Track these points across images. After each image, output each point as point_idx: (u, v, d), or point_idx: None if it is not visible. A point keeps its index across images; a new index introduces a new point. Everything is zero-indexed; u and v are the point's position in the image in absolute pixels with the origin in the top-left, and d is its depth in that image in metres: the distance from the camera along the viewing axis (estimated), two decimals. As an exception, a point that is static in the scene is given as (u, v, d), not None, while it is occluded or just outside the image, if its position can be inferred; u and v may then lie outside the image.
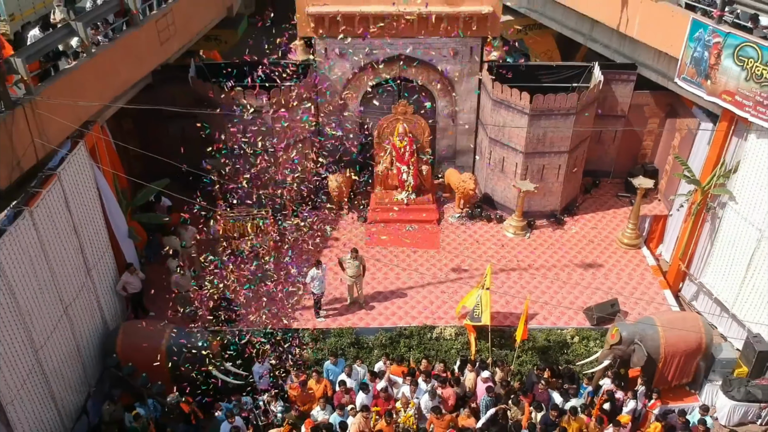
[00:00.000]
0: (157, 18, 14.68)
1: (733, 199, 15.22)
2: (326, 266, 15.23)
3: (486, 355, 14.23)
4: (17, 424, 11.14)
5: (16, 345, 11.05)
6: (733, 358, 14.51)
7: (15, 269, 10.93)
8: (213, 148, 15.52)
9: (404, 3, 16.39)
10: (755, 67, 13.61)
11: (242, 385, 13.41)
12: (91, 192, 13.40)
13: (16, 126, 11.10)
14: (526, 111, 16.61)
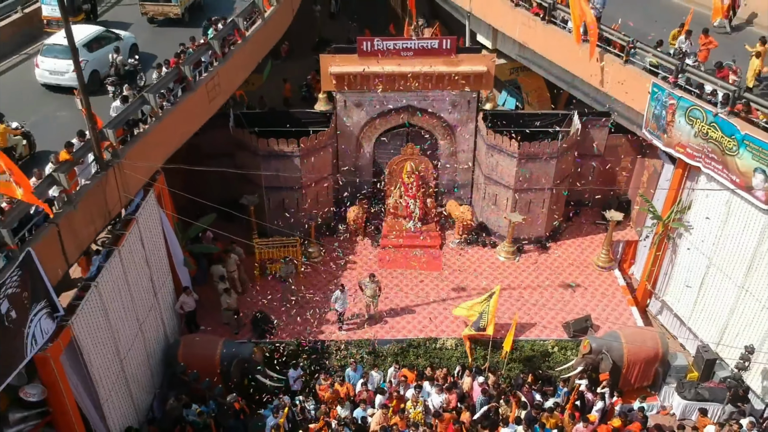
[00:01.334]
0: (207, 81, 17.62)
1: (688, 232, 18.19)
2: (348, 290, 18.16)
3: (481, 363, 17.17)
4: (109, 418, 14.12)
5: (108, 356, 14.03)
6: (686, 365, 17.47)
7: (108, 296, 13.90)
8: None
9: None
10: (701, 126, 16.58)
11: (280, 387, 16.40)
12: (158, 229, 16.39)
13: (108, 183, 14.06)
14: (515, 155, 19.61)
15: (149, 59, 19.88)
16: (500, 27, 23.56)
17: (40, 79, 18.61)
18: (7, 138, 14.99)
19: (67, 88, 17.66)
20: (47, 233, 12.36)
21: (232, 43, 19.22)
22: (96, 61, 18.84)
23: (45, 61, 18.36)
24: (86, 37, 18.80)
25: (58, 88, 18.35)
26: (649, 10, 23.63)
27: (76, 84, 14.60)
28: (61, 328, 12.53)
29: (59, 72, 18.15)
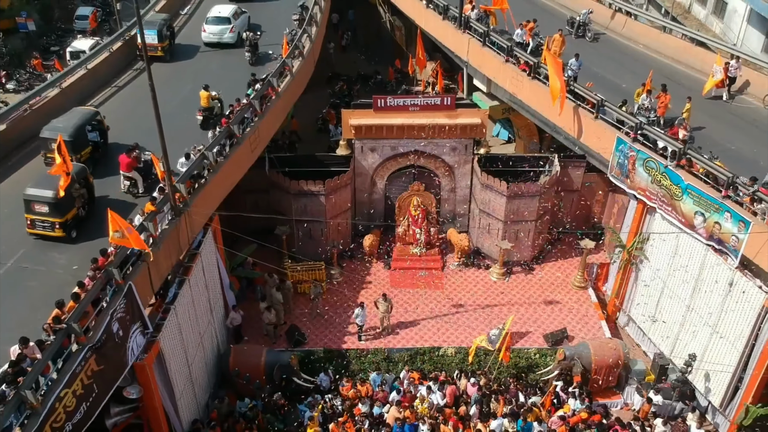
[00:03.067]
0: (250, 135, 21.39)
1: (647, 258, 21.98)
2: (366, 307, 21.94)
3: (476, 367, 20.91)
4: (181, 411, 17.91)
5: (181, 362, 17.82)
6: (644, 369, 21.25)
7: (181, 316, 17.70)
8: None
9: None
10: (656, 174, 20.38)
11: (312, 388, 20.17)
12: (213, 260, 20.19)
13: (180, 227, 17.82)
14: (504, 193, 23.41)
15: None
16: (493, 78, 27.37)
17: (205, 39, 29.37)
18: (209, 102, 22.58)
19: (223, 44, 29.23)
20: (141, 269, 16.13)
21: (268, 100, 23.01)
22: (238, 26, 29.76)
23: (208, 27, 29.40)
24: (232, 9, 30.03)
25: (216, 44, 29.32)
26: (624, 63, 27.49)
27: (230, 42, 29.25)
28: (152, 342, 16.33)
29: (217, 34, 29.18)
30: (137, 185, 19.38)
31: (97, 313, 14.58)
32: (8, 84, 36.64)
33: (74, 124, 19.94)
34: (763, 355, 18.02)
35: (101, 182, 19.55)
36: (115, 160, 19.60)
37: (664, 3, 39.79)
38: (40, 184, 17.59)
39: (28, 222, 17.49)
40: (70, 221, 17.50)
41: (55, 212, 17.17)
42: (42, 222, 17.33)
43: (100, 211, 17.38)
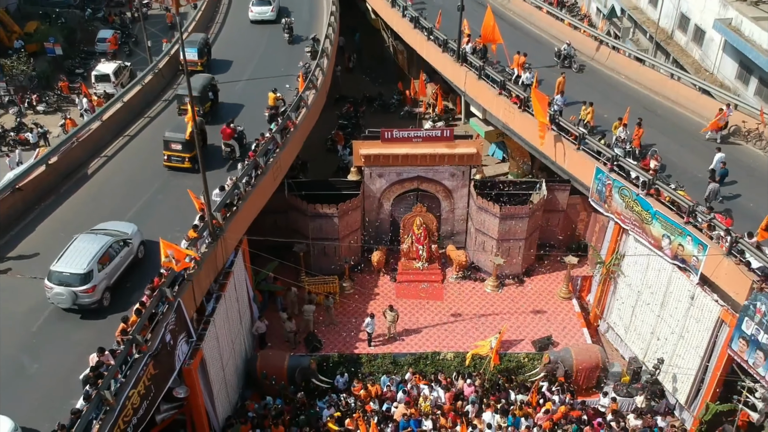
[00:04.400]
0: (273, 165, 24.25)
1: (623, 274, 24.88)
2: (375, 317, 24.82)
3: (472, 369, 23.76)
4: (217, 408, 20.76)
5: (218, 366, 20.66)
6: (620, 372, 24.12)
7: (219, 326, 20.58)
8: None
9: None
10: (629, 201, 23.28)
11: (329, 388, 23.04)
12: (243, 277, 23.08)
13: (217, 249, 20.69)
14: (497, 215, 26.31)
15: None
16: (487, 107, 30.29)
17: (251, 18, 38.86)
18: (275, 102, 27.39)
19: (266, 21, 38.51)
20: (187, 287, 18.99)
21: (287, 132, 25.87)
22: (276, 6, 39.29)
23: (254, 8, 38.97)
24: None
25: (261, 21, 38.64)
26: (607, 94, 30.31)
27: (271, 19, 38.90)
28: (196, 349, 19.22)
29: (261, 13, 38.75)
30: (235, 151, 25.00)
31: (153, 326, 17.46)
32: (38, 106, 39.36)
33: (201, 84, 27.74)
34: (719, 359, 20.95)
35: (212, 129, 26.00)
36: (221, 116, 27.65)
37: (649, 29, 42.64)
38: (175, 129, 24.43)
39: (165, 157, 24.59)
40: (193, 157, 23.73)
41: (185, 149, 24.07)
42: (176, 157, 24.42)
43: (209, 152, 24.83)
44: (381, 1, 39.92)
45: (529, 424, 21.53)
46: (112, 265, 19.15)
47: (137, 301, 17.91)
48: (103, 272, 18.71)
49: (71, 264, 18.42)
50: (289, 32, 36.43)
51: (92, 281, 18.33)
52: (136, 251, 20.28)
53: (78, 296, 18.20)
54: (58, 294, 18.25)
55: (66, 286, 18.13)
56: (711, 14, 36.74)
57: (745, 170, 24.91)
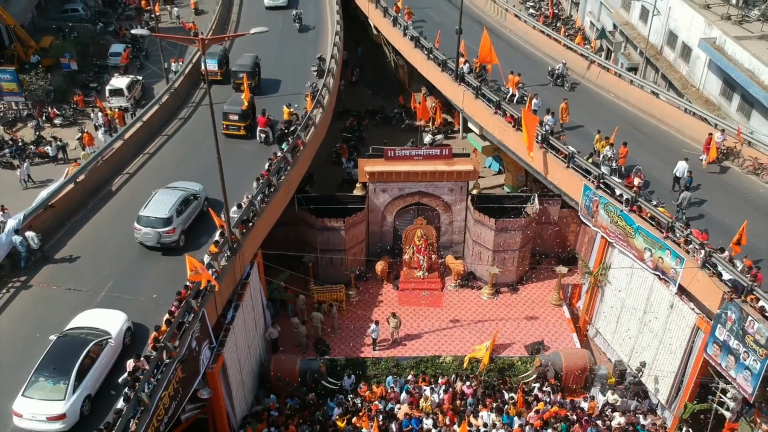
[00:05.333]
0: (285, 183, 26.14)
1: (609, 283, 26.81)
2: (380, 323, 26.72)
3: (469, 372, 25.65)
4: (236, 408, 22.67)
5: (236, 369, 22.59)
6: (606, 374, 26.02)
7: (237, 333, 22.48)
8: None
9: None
10: (614, 216, 25.20)
11: (337, 389, 24.93)
12: (257, 286, 24.97)
13: (235, 263, 22.53)
14: (493, 228, 28.24)
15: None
16: (484, 125, 32.19)
17: (267, 4, 45.85)
18: (290, 116, 29.69)
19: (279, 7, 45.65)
20: (209, 298, 20.88)
21: (297, 150, 27.75)
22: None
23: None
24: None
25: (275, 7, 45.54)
26: (597, 112, 32.23)
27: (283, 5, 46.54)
28: (218, 355, 21.12)
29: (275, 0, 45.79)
30: (269, 137, 29.54)
31: (181, 334, 19.35)
32: (56, 119, 41.13)
33: (252, 61, 34.18)
34: (696, 362, 22.89)
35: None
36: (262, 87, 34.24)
37: (639, 44, 44.57)
38: (232, 103, 29.91)
39: (224, 126, 29.31)
40: (247, 126, 29.59)
41: (241, 119, 29.53)
42: (234, 126, 29.60)
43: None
44: (383, 20, 41.81)
45: (522, 422, 23.46)
46: (186, 213, 23.28)
47: (205, 243, 22.84)
48: (179, 218, 22.90)
49: (156, 211, 22.60)
50: (299, 22, 43.32)
51: (172, 224, 22.62)
52: (202, 205, 24.30)
53: (161, 236, 22.40)
54: (146, 234, 22.47)
55: (152, 228, 22.27)
56: (697, 33, 38.70)
57: (722, 186, 26.87)
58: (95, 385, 17.84)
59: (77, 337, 18.27)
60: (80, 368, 17.34)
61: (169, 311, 19.47)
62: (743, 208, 25.39)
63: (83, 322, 19.06)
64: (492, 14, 43.87)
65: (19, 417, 16.83)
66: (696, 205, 25.56)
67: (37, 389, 16.97)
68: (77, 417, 17.07)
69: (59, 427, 16.74)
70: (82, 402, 17.19)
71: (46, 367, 17.39)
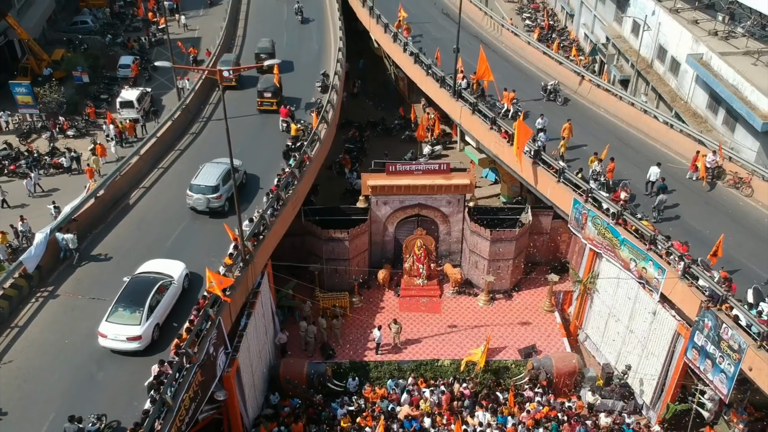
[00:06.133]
0: (293, 197, 27.80)
1: (597, 291, 28.50)
2: (383, 328, 28.39)
3: (466, 374, 27.32)
4: (249, 409, 24.34)
5: (249, 372, 24.23)
6: (595, 376, 27.72)
7: (250, 339, 24.15)
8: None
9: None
10: (601, 229, 26.89)
11: (342, 391, 26.60)
12: (268, 295, 26.65)
13: (248, 273, 24.19)
14: (488, 238, 29.93)
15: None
16: (480, 140, 33.90)
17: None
18: (297, 132, 31.84)
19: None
20: (225, 308, 22.54)
21: (304, 165, 29.41)
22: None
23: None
24: None
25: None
26: (588, 126, 33.87)
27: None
28: (233, 359, 22.79)
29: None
30: (289, 126, 32.87)
31: (199, 341, 21.01)
32: (69, 131, 42.71)
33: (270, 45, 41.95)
34: (677, 366, 24.60)
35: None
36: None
37: (630, 58, 46.27)
38: (264, 83, 35.90)
39: (259, 103, 35.61)
40: (278, 102, 35.40)
41: (274, 96, 35.50)
42: (267, 102, 35.51)
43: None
44: (384, 36, 43.48)
45: (515, 422, 25.14)
46: (229, 183, 26.28)
47: (245, 209, 26.70)
48: (224, 186, 26.85)
49: (205, 179, 26.97)
50: (300, 14, 50.05)
51: (219, 191, 26.81)
52: (242, 177, 28.58)
53: (210, 201, 26.55)
54: (197, 199, 26.84)
55: (202, 194, 26.63)
56: (685, 48, 40.39)
57: (703, 199, 28.56)
58: (162, 316, 21.79)
59: (147, 278, 22.31)
60: (151, 302, 21.32)
61: (189, 320, 21.14)
62: (723, 220, 27.07)
63: (150, 268, 23.00)
64: (489, 29, 45.55)
65: (103, 338, 20.79)
66: (671, 207, 27.46)
67: (117, 316, 20.95)
68: (149, 340, 21.08)
69: (136, 346, 20.75)
70: (153, 328, 21.19)
71: (124, 299, 21.37)
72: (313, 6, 51.95)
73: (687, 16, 42.28)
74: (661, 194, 27.01)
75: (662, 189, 27.44)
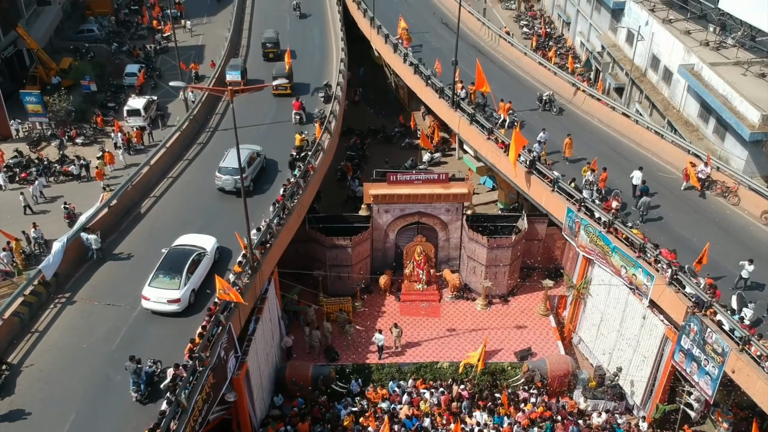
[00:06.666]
0: (298, 206, 28.96)
1: (591, 295, 29.69)
2: (384, 333, 29.57)
3: (464, 376, 28.50)
4: (257, 409, 25.53)
5: (257, 374, 25.40)
6: (588, 377, 28.90)
7: (258, 343, 25.31)
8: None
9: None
10: (593, 237, 28.08)
11: (345, 392, 27.77)
12: (274, 300, 27.83)
13: (256, 280, 25.35)
14: (486, 245, 31.12)
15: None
16: (478, 149, 35.09)
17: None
18: (301, 142, 33.13)
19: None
20: (235, 313, 23.71)
21: (308, 175, 30.57)
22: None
23: None
24: None
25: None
26: (581, 136, 34.98)
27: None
28: (242, 362, 23.97)
29: None
30: (302, 118, 36.73)
31: (211, 345, 22.17)
32: (77, 139, 43.84)
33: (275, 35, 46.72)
34: (665, 368, 25.79)
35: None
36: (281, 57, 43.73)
37: (625, 66, 47.48)
38: (278, 69, 40.52)
39: (274, 87, 38.40)
40: (291, 86, 39.86)
41: (289, 80, 39.85)
42: (282, 87, 38.50)
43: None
44: (384, 46, 44.67)
45: (511, 421, 26.33)
46: (253, 165, 30.73)
47: (268, 189, 30.43)
48: (249, 168, 30.02)
49: (232, 162, 29.08)
50: (298, 10, 54.42)
51: (247, 172, 29.30)
52: (263, 161, 31.91)
53: (237, 182, 28.72)
54: (226, 180, 29.94)
55: (230, 176, 29.64)
56: (677, 58, 41.59)
57: (692, 207, 29.74)
58: (197, 283, 24.44)
59: (184, 249, 25.12)
60: (188, 269, 23.96)
61: (202, 326, 22.30)
62: (710, 228, 28.26)
63: (185, 242, 25.73)
64: (486, 39, 46.76)
65: (146, 300, 23.53)
66: (656, 215, 28.83)
67: (158, 282, 23.68)
68: (187, 303, 23.81)
69: (175, 308, 23.50)
70: (189, 293, 23.89)
71: (164, 267, 24.08)
72: (316, 20, 53.08)
73: (679, 27, 43.46)
74: (644, 197, 28.40)
75: (644, 191, 28.76)
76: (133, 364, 20.55)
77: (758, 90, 35.90)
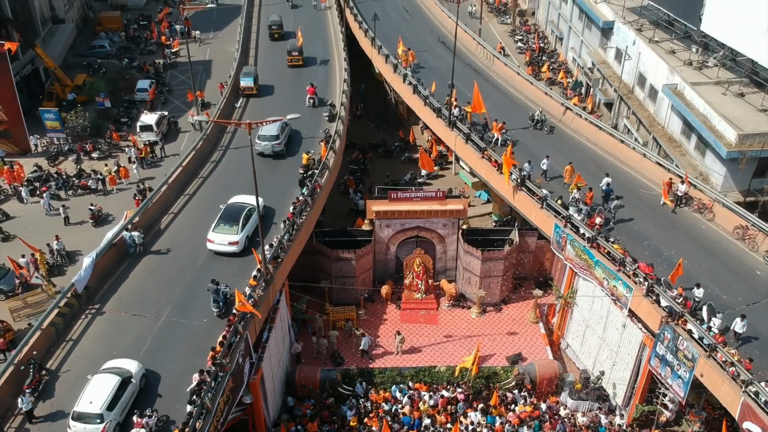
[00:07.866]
0: (306, 223, 31.33)
1: (576, 304, 32.12)
2: (386, 339, 31.98)
3: (460, 379, 30.87)
4: (270, 410, 27.91)
5: (270, 378, 27.79)
6: (574, 380, 31.30)
7: (271, 349, 27.69)
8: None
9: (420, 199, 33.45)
10: (578, 251, 30.50)
11: (351, 394, 30.16)
12: (285, 310, 30.22)
13: (269, 292, 27.74)
14: (480, 258, 33.55)
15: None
16: (473, 166, 37.50)
17: None
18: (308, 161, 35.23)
19: None
20: (250, 323, 26.09)
21: (315, 193, 32.95)
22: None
23: None
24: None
25: None
26: (570, 155, 37.26)
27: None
28: (258, 368, 26.36)
29: None
30: (315, 103, 42.64)
31: (230, 352, 24.55)
32: (93, 153, 46.04)
33: (279, 20, 55.37)
34: (643, 372, 28.18)
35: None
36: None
37: (613, 83, 49.86)
38: (291, 45, 50.35)
39: (288, 59, 49.62)
40: (303, 58, 49.75)
41: (299, 53, 49.76)
42: (295, 59, 49.48)
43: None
44: (385, 66, 47.08)
45: (503, 421, 28.75)
46: (285, 132, 38.29)
47: (296, 153, 37.33)
48: (282, 135, 37.67)
49: (269, 131, 36.93)
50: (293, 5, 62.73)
51: (279, 139, 37.32)
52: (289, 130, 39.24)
53: (274, 147, 37.04)
54: (265, 145, 36.90)
55: (268, 141, 36.98)
56: (662, 77, 43.96)
57: (670, 223, 32.11)
58: (250, 231, 30.16)
59: (238, 205, 31.10)
60: (243, 220, 29.94)
61: (223, 336, 24.68)
62: (686, 243, 30.61)
63: (237, 200, 31.55)
64: (482, 58, 49.13)
65: (211, 243, 29.57)
66: (630, 221, 31.54)
67: (220, 229, 29.70)
68: (242, 246, 29.53)
69: (234, 249, 29.41)
70: (245, 238, 29.70)
71: (224, 218, 30.13)
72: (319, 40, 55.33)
73: (665, 46, 45.83)
74: (615, 200, 31.30)
75: (608, 193, 31.86)
76: (213, 286, 26.09)
77: (736, 109, 38.22)
